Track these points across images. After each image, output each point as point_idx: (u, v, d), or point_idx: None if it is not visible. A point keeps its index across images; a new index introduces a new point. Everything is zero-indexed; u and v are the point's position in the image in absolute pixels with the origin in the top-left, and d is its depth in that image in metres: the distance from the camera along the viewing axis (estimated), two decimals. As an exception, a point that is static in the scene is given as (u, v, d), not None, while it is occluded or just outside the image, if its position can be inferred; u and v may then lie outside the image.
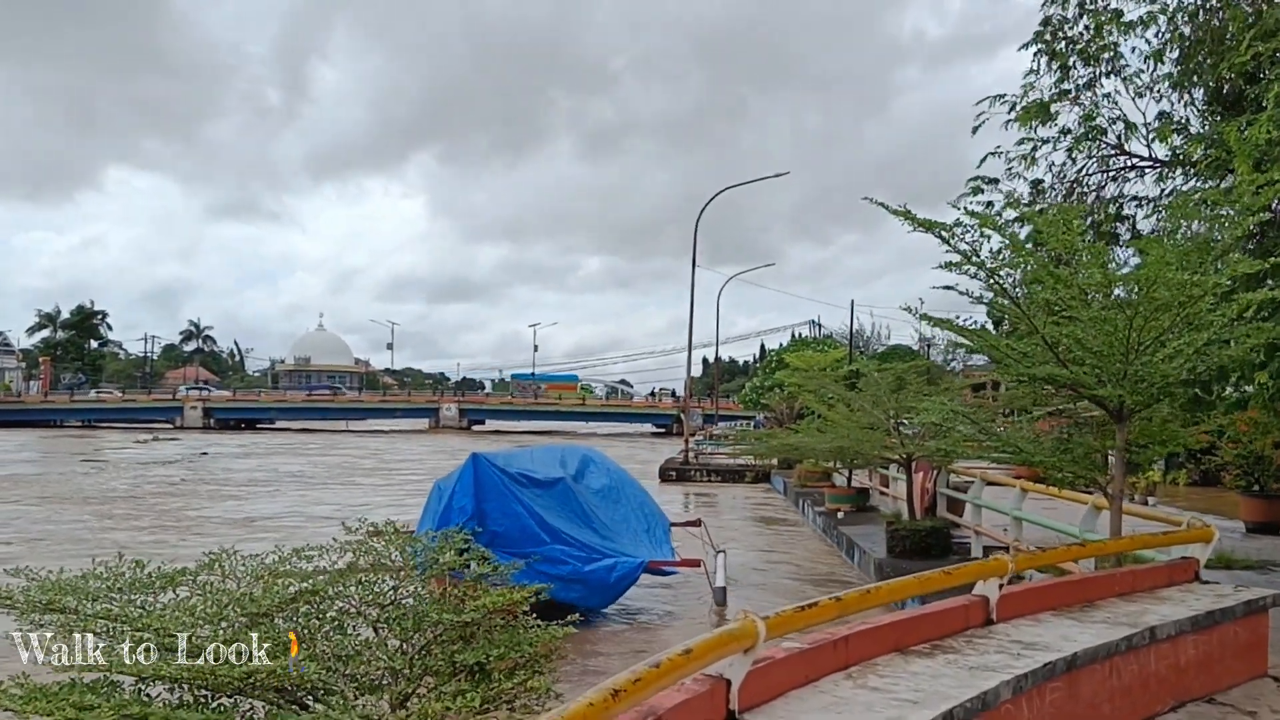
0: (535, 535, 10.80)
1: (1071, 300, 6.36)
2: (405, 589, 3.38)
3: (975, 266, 6.45)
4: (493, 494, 10.84)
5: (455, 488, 10.90)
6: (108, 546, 15.32)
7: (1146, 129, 13.56)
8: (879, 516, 17.55)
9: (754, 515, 22.84)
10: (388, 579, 3.43)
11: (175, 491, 26.15)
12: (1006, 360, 6.86)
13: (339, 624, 3.05)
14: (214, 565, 3.43)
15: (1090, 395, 6.54)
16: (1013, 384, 9.04)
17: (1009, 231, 6.99)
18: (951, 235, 6.38)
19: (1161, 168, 13.61)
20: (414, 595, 3.36)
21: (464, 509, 10.61)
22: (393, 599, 3.29)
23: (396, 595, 3.33)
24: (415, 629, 3.11)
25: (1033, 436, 7.40)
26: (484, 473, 10.89)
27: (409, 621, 3.11)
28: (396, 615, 3.17)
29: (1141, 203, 13.39)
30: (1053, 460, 6.89)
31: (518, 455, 13.03)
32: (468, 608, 3.26)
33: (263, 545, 4.11)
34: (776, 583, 13.53)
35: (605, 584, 10.85)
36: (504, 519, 10.74)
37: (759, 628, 3.08)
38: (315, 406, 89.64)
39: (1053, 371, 6.41)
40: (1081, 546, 6.36)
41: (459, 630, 3.21)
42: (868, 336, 60.33)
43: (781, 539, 18.27)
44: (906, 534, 12.81)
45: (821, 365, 25.89)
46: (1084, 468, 6.89)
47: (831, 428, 16.43)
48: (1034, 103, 13.38)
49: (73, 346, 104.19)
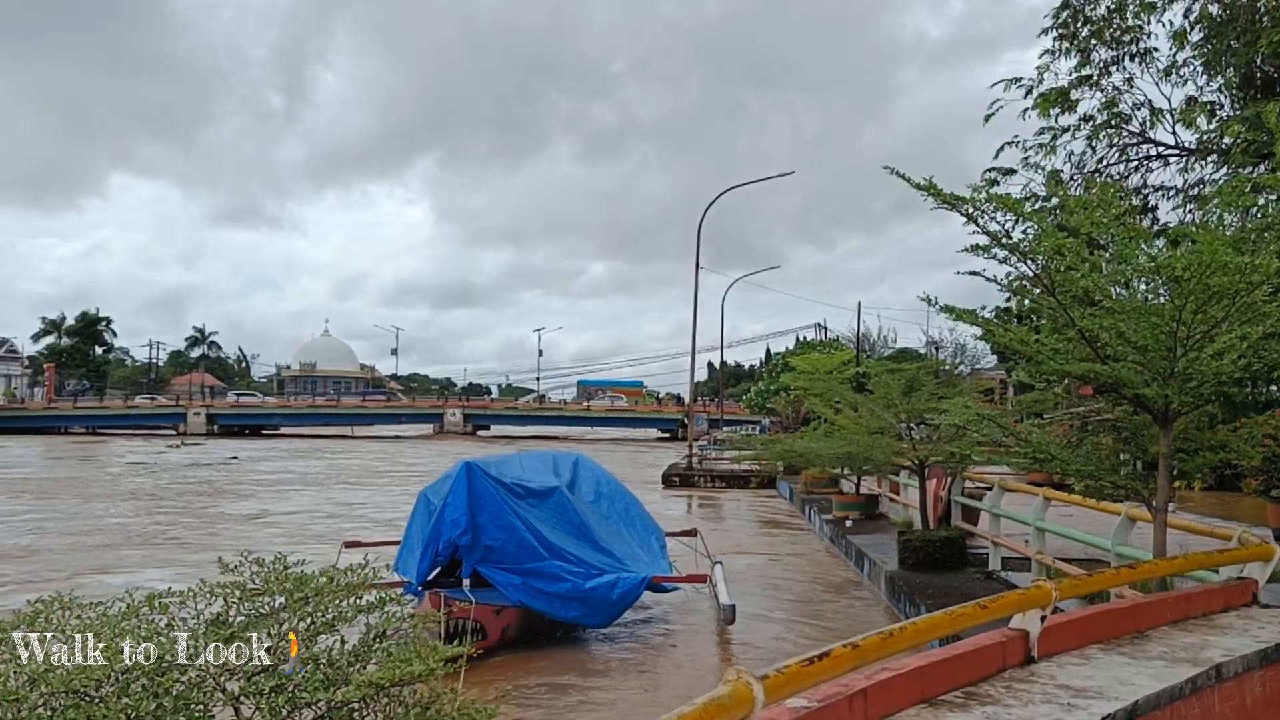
0: (533, 550, 10.04)
1: (1110, 285, 5.65)
2: (284, 650, 2.59)
3: (1007, 250, 5.75)
4: (487, 506, 10.06)
5: (447, 499, 10.10)
6: (170, 537, 17.95)
7: (1172, 115, 12.86)
8: (889, 524, 16.84)
9: (758, 522, 22.12)
10: (266, 632, 2.61)
11: (211, 491, 28.46)
12: (1038, 356, 6.16)
13: (185, 701, 2.28)
14: (37, 620, 2.66)
15: (1133, 396, 5.83)
16: (1043, 384, 8.35)
17: (1034, 212, 6.28)
18: (980, 213, 5.69)
19: (1188, 156, 12.90)
20: (296, 660, 2.58)
21: (457, 522, 9.82)
22: (265, 666, 2.53)
23: (275, 658, 2.54)
24: (289, 709, 2.34)
25: (1066, 441, 6.68)
26: (478, 483, 10.05)
27: (281, 699, 2.35)
28: (269, 688, 2.40)
29: (1167, 192, 12.70)
30: (1089, 469, 6.18)
31: (509, 462, 12.26)
32: (353, 681, 2.47)
33: (280, 538, 3.51)
34: (783, 596, 12.82)
35: (607, 602, 10.10)
36: (500, 533, 9.96)
37: (755, 692, 2.39)
38: (319, 412, 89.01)
39: (1092, 368, 5.71)
40: (1132, 569, 5.63)
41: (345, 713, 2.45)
42: (874, 340, 59.68)
43: (787, 547, 17.55)
44: (919, 544, 12.09)
45: (827, 368, 25.17)
46: (1126, 478, 6.18)
47: (839, 432, 15.74)
48: (1053, 89, 12.69)
49: (77, 353, 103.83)
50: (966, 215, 5.87)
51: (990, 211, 5.77)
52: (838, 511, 17.94)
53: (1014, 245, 5.91)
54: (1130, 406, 6.24)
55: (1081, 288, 5.74)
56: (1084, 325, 5.88)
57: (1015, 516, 10.97)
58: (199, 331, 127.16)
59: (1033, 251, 5.82)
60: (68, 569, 14.45)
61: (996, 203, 5.76)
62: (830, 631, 10.55)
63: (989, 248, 6.06)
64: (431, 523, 10.20)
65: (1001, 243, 5.82)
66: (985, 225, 5.81)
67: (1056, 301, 5.97)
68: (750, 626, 10.78)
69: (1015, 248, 5.91)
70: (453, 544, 10.00)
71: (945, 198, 5.75)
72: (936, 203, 5.93)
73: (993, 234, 5.90)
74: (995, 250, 6.01)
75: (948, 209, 5.95)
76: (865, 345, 56.48)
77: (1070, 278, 5.73)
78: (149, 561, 15.42)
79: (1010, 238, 5.83)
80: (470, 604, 9.22)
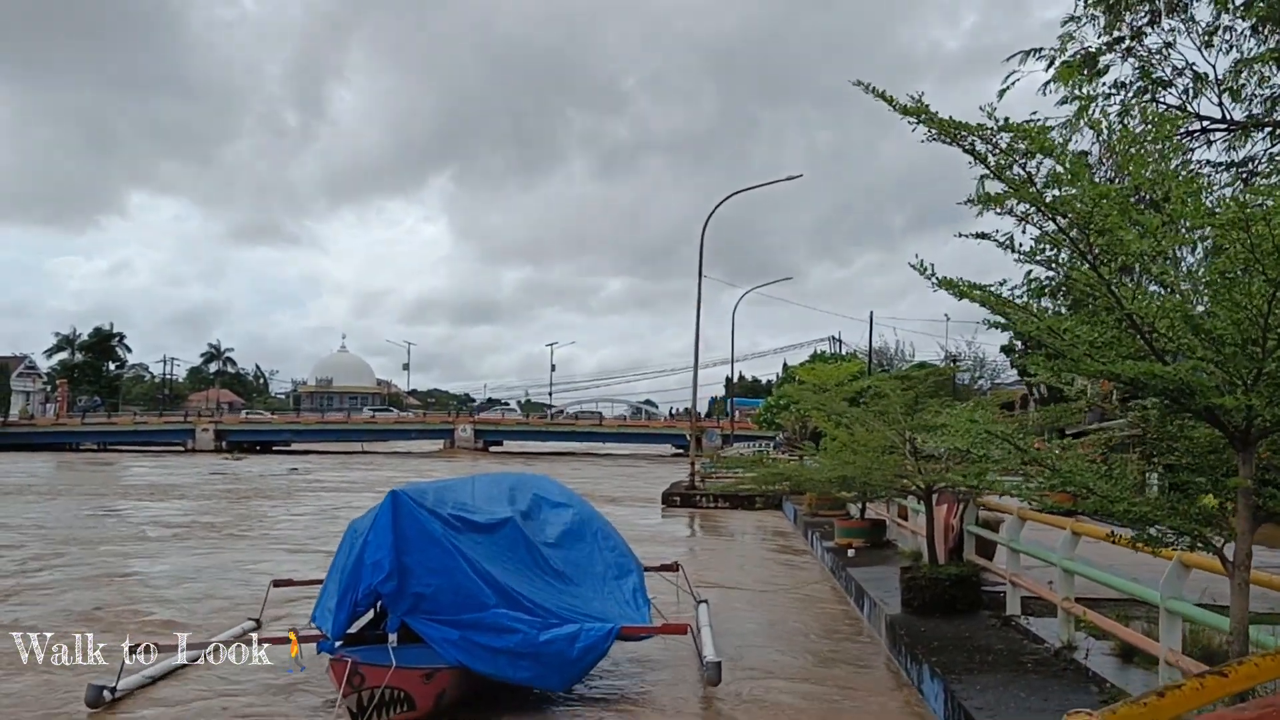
0: (475, 596, 8.19)
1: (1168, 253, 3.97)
2: None
3: (1033, 203, 4.10)
4: (418, 543, 8.20)
5: (368, 537, 8.21)
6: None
7: (1218, 84, 11.09)
8: (896, 554, 15.05)
9: (756, 548, 20.35)
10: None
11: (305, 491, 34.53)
12: (1073, 352, 4.46)
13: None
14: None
15: (1204, 408, 4.13)
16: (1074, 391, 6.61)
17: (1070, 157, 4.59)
18: (991, 147, 4.04)
19: (1236, 130, 11.12)
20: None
21: (379, 565, 7.96)
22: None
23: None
24: None
25: (1103, 470, 4.94)
26: (406, 516, 8.20)
27: None
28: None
29: (1216, 168, 10.90)
30: (1142, 509, 4.47)
31: (456, 487, 10.44)
32: None
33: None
34: (771, 644, 11.00)
35: (566, 660, 8.20)
36: (433, 577, 8.05)
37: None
38: (329, 428, 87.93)
39: (1148, 369, 4.02)
40: None
41: None
42: (891, 354, 57.77)
43: (784, 578, 15.76)
44: (925, 583, 10.33)
45: (835, 379, 23.37)
46: (1190, 520, 4.46)
47: (840, 451, 13.96)
48: (1079, 52, 10.95)
49: (90, 369, 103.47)
50: (969, 152, 4.21)
51: (1005, 145, 4.11)
52: (840, 539, 16.16)
53: (1037, 196, 4.23)
54: (1192, 420, 4.56)
55: (1135, 252, 4.05)
56: (1136, 308, 4.18)
57: (1037, 554, 9.20)
58: (214, 347, 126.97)
59: (1062, 204, 4.13)
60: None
61: (1016, 134, 4.09)
62: (824, 703, 8.72)
63: (1003, 198, 4.39)
64: (350, 565, 8.48)
65: (1023, 193, 4.15)
66: (999, 164, 4.14)
67: (1097, 275, 4.28)
68: (734, 679, 8.99)
69: (1039, 198, 4.23)
70: (374, 592, 8.25)
71: (942, 125, 4.10)
72: (930, 134, 4.27)
73: (1013, 181, 4.22)
74: (1012, 202, 4.33)
75: (945, 142, 4.28)
76: (884, 359, 54.56)
77: (1119, 238, 4.04)
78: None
79: (1033, 184, 4.15)
80: (389, 668, 7.55)
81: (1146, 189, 5.00)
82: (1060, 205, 4.14)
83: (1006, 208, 4.32)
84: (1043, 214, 4.39)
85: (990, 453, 5.16)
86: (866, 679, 9.38)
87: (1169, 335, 4.30)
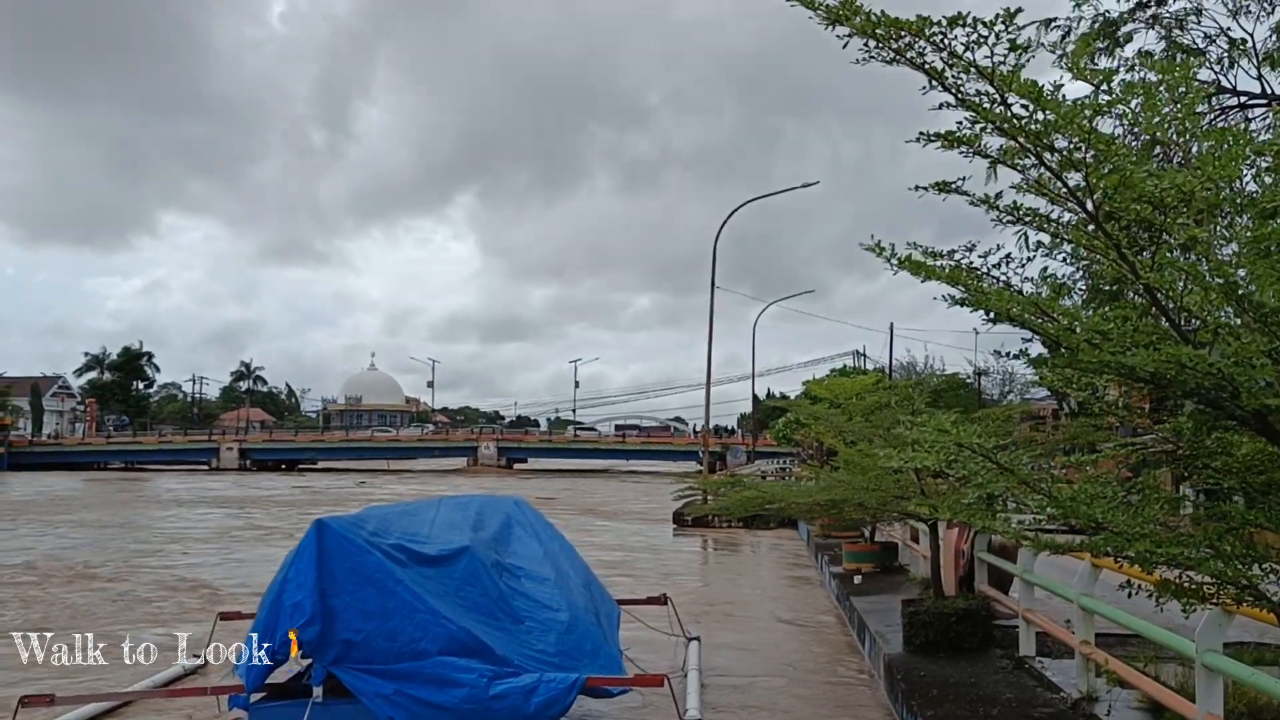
0: (415, 642, 7.03)
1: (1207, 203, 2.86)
2: None
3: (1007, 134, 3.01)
4: (347, 582, 6.97)
5: (288, 574, 7.08)
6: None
7: (1256, 54, 9.87)
8: (908, 581, 13.80)
9: (764, 574, 19.13)
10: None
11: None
12: (1068, 338, 3.35)
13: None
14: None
15: (1256, 411, 2.99)
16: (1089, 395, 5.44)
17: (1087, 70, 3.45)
18: (944, 54, 2.95)
19: (1276, 102, 9.89)
20: None
21: (300, 607, 6.82)
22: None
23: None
24: None
25: (1119, 496, 3.79)
26: (334, 549, 7.04)
27: None
28: None
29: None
30: (1169, 550, 3.32)
31: (416, 510, 9.22)
32: None
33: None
34: (761, 689, 9.80)
35: (521, 717, 7.10)
36: (365, 621, 6.89)
37: None
38: (353, 446, 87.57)
39: (1174, 355, 2.90)
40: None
41: None
42: (920, 369, 56.20)
43: (786, 608, 14.54)
44: (929, 619, 9.12)
45: (851, 393, 22.03)
46: (1233, 561, 3.31)
47: (844, 468, 12.74)
48: (1098, 20, 9.78)
49: (119, 388, 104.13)
50: (920, 67, 3.12)
51: (963, 46, 3.02)
52: (847, 564, 14.92)
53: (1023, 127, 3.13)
54: (1237, 431, 3.42)
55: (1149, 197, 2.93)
56: (1153, 279, 3.06)
57: (1052, 588, 7.99)
58: (245, 366, 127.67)
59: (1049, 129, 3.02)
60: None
61: (971, 29, 3.00)
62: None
63: (969, 142, 3.30)
64: (267, 605, 7.36)
65: (990, 115, 3.05)
66: (956, 81, 3.05)
67: (1103, 233, 3.16)
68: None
69: (1026, 130, 3.12)
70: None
71: (868, 26, 3.00)
72: (866, 50, 3.19)
73: (979, 108, 3.13)
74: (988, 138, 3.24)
75: (887, 60, 3.19)
76: (911, 375, 52.97)
77: (1125, 176, 2.94)
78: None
79: (1003, 101, 3.05)
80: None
81: (1163, 135, 3.90)
82: (1045, 132, 3.03)
83: (976, 145, 3.20)
84: (1028, 153, 3.28)
85: (973, 473, 4.03)
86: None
87: (1202, 314, 3.18)
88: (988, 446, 3.80)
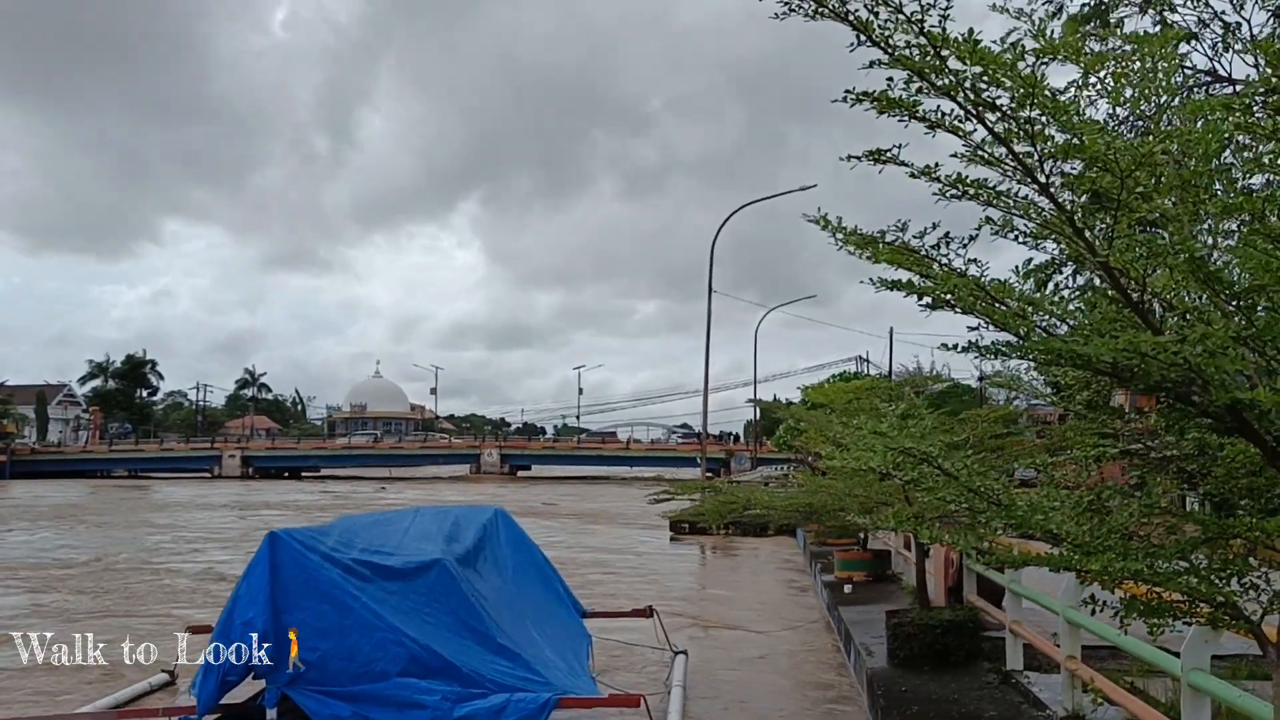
0: (375, 662, 6.68)
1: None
2: None
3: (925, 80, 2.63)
4: (302, 599, 6.62)
5: (240, 591, 6.77)
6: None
7: (1253, 38, 9.47)
8: (899, 590, 13.40)
9: (757, 582, 18.70)
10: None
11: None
12: (1015, 324, 2.97)
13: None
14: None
15: (1228, 405, 2.61)
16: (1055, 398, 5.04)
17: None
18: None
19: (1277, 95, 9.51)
20: None
21: (250, 624, 6.46)
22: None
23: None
24: None
25: (1084, 503, 3.40)
26: (289, 564, 6.69)
27: None
28: None
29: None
30: (1130, 565, 2.93)
31: (388, 521, 8.82)
32: None
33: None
34: (742, 706, 9.37)
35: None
36: (321, 639, 6.55)
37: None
38: (355, 454, 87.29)
39: (1131, 342, 2.52)
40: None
41: None
42: (925, 375, 55.66)
43: (777, 618, 14.12)
44: (915, 631, 8.72)
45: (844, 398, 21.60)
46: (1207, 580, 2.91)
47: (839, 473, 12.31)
48: (1087, 5, 9.39)
49: (122, 396, 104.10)
50: (839, 14, 2.74)
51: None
52: (838, 572, 14.51)
53: (959, 83, 2.75)
54: (1208, 428, 3.03)
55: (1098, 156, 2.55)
56: (1113, 259, 2.67)
57: (1038, 599, 7.58)
58: (249, 373, 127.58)
59: (986, 80, 2.64)
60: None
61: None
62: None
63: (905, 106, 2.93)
64: (220, 623, 6.97)
65: (912, 63, 2.67)
66: (884, 32, 2.67)
67: (1054, 204, 2.78)
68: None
69: (962, 87, 2.74)
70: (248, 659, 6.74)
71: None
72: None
73: (902, 56, 2.75)
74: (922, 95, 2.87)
75: (808, 13, 2.82)
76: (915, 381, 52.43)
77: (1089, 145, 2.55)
78: None
79: (935, 52, 2.67)
80: None
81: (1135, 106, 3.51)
82: (984, 83, 2.65)
83: (909, 103, 2.82)
84: (970, 115, 2.90)
85: (919, 479, 3.64)
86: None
87: (1168, 295, 2.79)
88: (930, 451, 3.41)
